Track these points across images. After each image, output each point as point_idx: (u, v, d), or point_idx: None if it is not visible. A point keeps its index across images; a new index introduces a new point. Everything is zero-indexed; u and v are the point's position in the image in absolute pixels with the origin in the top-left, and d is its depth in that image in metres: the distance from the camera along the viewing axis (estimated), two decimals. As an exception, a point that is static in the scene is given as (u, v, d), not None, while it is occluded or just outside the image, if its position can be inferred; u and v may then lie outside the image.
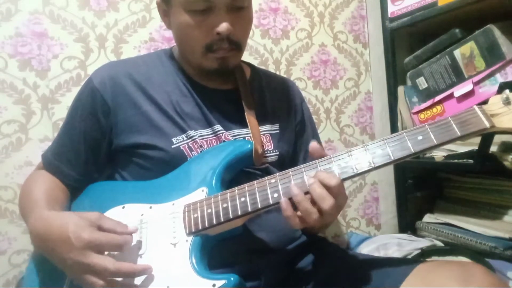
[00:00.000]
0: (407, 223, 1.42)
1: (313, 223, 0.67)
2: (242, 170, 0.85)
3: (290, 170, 0.72)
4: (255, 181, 0.72)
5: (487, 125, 0.64)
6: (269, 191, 0.70)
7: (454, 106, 1.20)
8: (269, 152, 0.91)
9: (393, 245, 1.24)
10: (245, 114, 0.90)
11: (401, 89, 1.40)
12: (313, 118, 1.12)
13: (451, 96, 1.20)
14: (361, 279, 0.78)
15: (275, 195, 0.69)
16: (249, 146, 0.82)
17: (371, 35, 1.49)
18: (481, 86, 1.13)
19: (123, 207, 0.80)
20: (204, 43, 0.83)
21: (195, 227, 0.72)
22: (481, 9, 1.17)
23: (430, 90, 1.29)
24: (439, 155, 1.24)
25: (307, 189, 0.68)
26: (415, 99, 1.36)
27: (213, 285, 0.65)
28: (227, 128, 0.89)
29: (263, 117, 0.94)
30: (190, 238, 0.72)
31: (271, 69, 1.35)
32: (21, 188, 0.92)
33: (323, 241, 1.01)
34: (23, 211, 0.86)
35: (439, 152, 1.24)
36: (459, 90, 1.18)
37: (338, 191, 0.67)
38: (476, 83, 1.14)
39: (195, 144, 0.85)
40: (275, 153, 0.92)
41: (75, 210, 0.87)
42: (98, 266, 0.65)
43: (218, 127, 0.87)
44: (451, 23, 1.23)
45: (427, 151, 0.68)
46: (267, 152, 0.90)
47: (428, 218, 1.35)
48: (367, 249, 1.27)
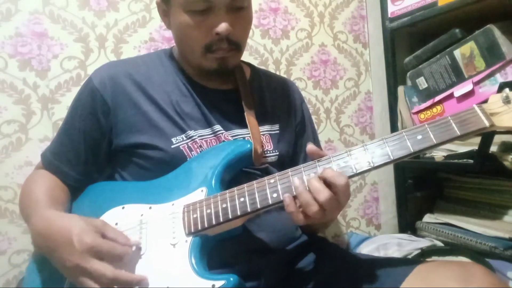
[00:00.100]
0: (407, 223, 1.42)
1: (314, 217, 0.67)
2: (241, 170, 0.85)
3: (289, 170, 0.72)
4: (254, 181, 0.72)
5: (487, 124, 0.64)
6: (268, 191, 0.70)
7: (454, 106, 1.20)
8: (269, 152, 0.91)
9: (393, 245, 1.24)
10: (245, 114, 0.90)
11: (401, 89, 1.39)
12: (312, 118, 1.12)
13: (451, 96, 1.20)
14: (361, 279, 0.78)
15: (274, 195, 0.69)
16: (248, 146, 0.82)
17: (371, 35, 1.49)
18: (481, 86, 1.13)
19: (123, 208, 0.81)
20: (203, 43, 0.83)
21: (194, 228, 0.72)
22: (481, 9, 1.17)
23: (430, 90, 1.29)
24: (439, 155, 1.23)
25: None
26: (415, 99, 1.36)
27: (213, 286, 0.65)
28: (226, 128, 0.89)
29: (263, 117, 0.93)
30: (189, 238, 0.72)
31: (271, 69, 1.35)
32: (21, 188, 0.92)
33: (323, 241, 1.01)
34: (23, 211, 0.86)
35: (439, 152, 1.24)
36: (459, 90, 1.18)
37: (344, 190, 0.67)
38: (476, 83, 1.14)
39: (195, 144, 0.85)
40: (275, 153, 0.92)
41: (75, 210, 0.87)
42: (97, 271, 0.65)
43: (217, 127, 0.87)
44: (451, 23, 1.22)
45: (427, 150, 0.68)
46: (266, 152, 0.90)
47: (428, 218, 1.35)
48: (367, 249, 1.27)
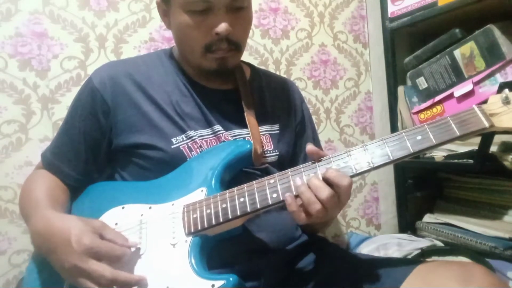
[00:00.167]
0: (407, 223, 1.42)
1: (316, 215, 0.67)
2: (241, 170, 0.85)
3: (289, 170, 0.72)
4: (254, 182, 0.73)
5: (486, 124, 0.64)
6: (268, 191, 0.70)
7: (454, 106, 1.20)
8: (269, 152, 0.91)
9: (393, 245, 1.24)
10: (245, 114, 0.90)
11: (401, 89, 1.39)
12: (313, 118, 1.12)
13: (451, 96, 1.20)
14: (361, 279, 0.78)
15: (274, 195, 0.69)
16: (248, 146, 0.82)
17: (371, 35, 1.49)
18: (481, 86, 1.13)
19: (123, 208, 0.81)
20: (203, 43, 0.83)
21: (194, 228, 0.72)
22: (481, 9, 1.17)
23: (430, 90, 1.29)
24: (439, 155, 1.23)
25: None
26: (415, 99, 1.36)
27: (212, 285, 0.65)
28: (227, 128, 0.89)
29: (263, 117, 0.93)
30: (189, 238, 0.72)
31: (271, 69, 1.35)
32: (21, 188, 0.92)
33: (323, 241, 1.01)
34: (23, 211, 0.86)
35: (439, 152, 1.24)
36: (459, 90, 1.18)
37: (346, 190, 0.67)
38: (476, 83, 1.14)
39: (195, 144, 0.85)
40: (275, 153, 0.92)
41: (75, 210, 0.87)
42: (95, 272, 0.65)
43: (217, 127, 0.87)
44: (451, 23, 1.22)
45: (427, 151, 0.68)
46: (266, 152, 0.90)
47: (428, 218, 1.35)
48: (367, 249, 1.27)
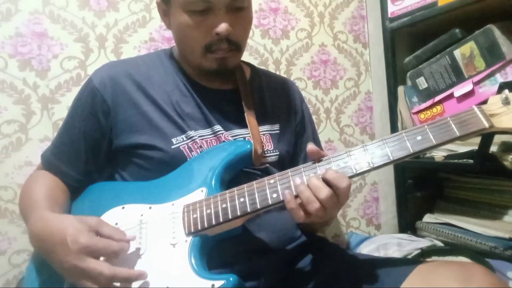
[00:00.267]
0: (407, 223, 1.42)
1: (315, 214, 0.67)
2: (241, 170, 0.85)
3: (289, 170, 0.72)
4: (254, 182, 0.73)
5: (486, 125, 0.64)
6: (268, 191, 0.70)
7: (454, 106, 1.20)
8: (269, 152, 0.91)
9: (393, 245, 1.24)
10: (245, 114, 0.90)
11: (401, 89, 1.39)
12: (313, 118, 1.12)
13: (451, 96, 1.20)
14: (361, 279, 0.78)
15: (274, 195, 0.69)
16: (248, 146, 0.82)
17: (371, 35, 1.49)
18: (481, 86, 1.13)
19: (123, 208, 0.81)
20: (203, 43, 0.83)
21: (194, 228, 0.72)
22: (481, 9, 1.17)
23: (430, 90, 1.28)
24: (439, 155, 1.23)
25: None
26: (415, 99, 1.36)
27: (212, 285, 0.65)
28: (227, 128, 0.89)
29: (263, 117, 0.93)
30: (189, 238, 0.72)
31: (271, 69, 1.35)
32: (21, 188, 0.92)
33: (323, 241, 1.01)
34: (23, 211, 0.85)
35: (439, 152, 1.24)
36: (459, 90, 1.17)
37: (345, 191, 0.67)
38: (476, 83, 1.14)
39: (195, 144, 0.85)
40: (275, 153, 0.92)
41: (75, 210, 0.87)
42: (94, 270, 0.65)
43: (218, 127, 0.87)
44: (451, 23, 1.22)
45: (426, 151, 0.68)
46: (267, 152, 0.90)
47: (428, 218, 1.35)
48: (367, 249, 1.26)
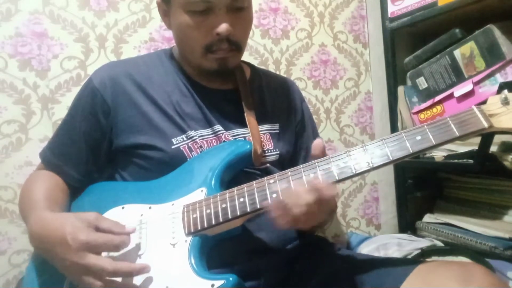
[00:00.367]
0: (407, 223, 1.41)
1: (298, 219, 0.66)
2: (241, 170, 0.85)
3: (289, 170, 0.72)
4: (254, 182, 0.73)
5: (486, 125, 0.64)
6: (268, 191, 0.70)
7: (454, 106, 1.20)
8: (269, 151, 0.91)
9: (393, 245, 1.24)
10: (245, 114, 0.90)
11: (401, 89, 1.39)
12: (313, 117, 1.12)
13: (451, 96, 1.20)
14: (361, 279, 0.78)
15: (274, 195, 0.69)
16: (248, 146, 0.82)
17: (371, 35, 1.49)
18: (481, 86, 1.13)
19: (123, 208, 0.81)
20: (203, 43, 0.83)
21: (194, 228, 0.72)
22: (481, 9, 1.17)
23: (430, 90, 1.28)
24: (439, 155, 1.23)
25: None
26: (415, 99, 1.36)
27: (212, 285, 0.65)
28: (227, 128, 0.89)
29: (263, 116, 0.93)
30: (189, 238, 0.72)
31: (271, 69, 1.35)
32: (21, 188, 0.92)
33: (323, 241, 1.01)
34: (23, 211, 0.86)
35: (439, 152, 1.24)
36: (459, 90, 1.17)
37: (331, 198, 0.66)
38: (476, 83, 1.14)
39: (195, 144, 0.85)
40: (275, 153, 0.92)
41: (75, 210, 0.87)
42: (95, 266, 0.65)
43: (218, 127, 0.88)
44: (451, 23, 1.22)
45: (426, 151, 0.68)
46: (267, 151, 0.90)
47: (428, 218, 1.35)
48: (367, 249, 1.26)
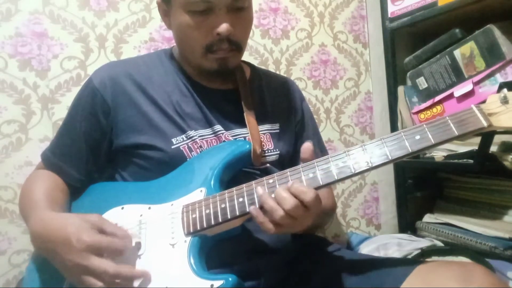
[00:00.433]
0: (407, 223, 1.41)
1: (282, 223, 0.67)
2: (241, 170, 0.85)
3: (288, 170, 0.72)
4: (253, 182, 0.72)
5: (485, 124, 0.64)
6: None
7: (454, 106, 1.19)
8: (269, 151, 0.91)
9: (393, 245, 1.24)
10: (244, 114, 0.90)
11: (401, 89, 1.39)
12: (314, 117, 1.12)
13: (451, 96, 1.20)
14: (361, 279, 0.78)
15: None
16: (247, 146, 0.82)
17: (371, 35, 1.49)
18: (481, 86, 1.13)
19: (122, 208, 0.81)
20: (204, 43, 0.83)
21: (193, 228, 0.72)
22: (481, 9, 1.17)
23: (430, 90, 1.28)
24: (439, 155, 1.23)
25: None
26: (415, 99, 1.36)
27: (211, 285, 0.65)
28: (227, 128, 0.89)
29: (263, 116, 0.93)
30: (188, 238, 0.72)
31: (271, 69, 1.35)
32: (21, 188, 0.92)
33: (323, 241, 1.01)
34: (23, 211, 0.86)
35: (439, 152, 1.23)
36: (459, 90, 1.17)
37: (313, 202, 0.66)
38: (476, 83, 1.14)
39: (195, 144, 0.85)
40: (276, 152, 0.92)
41: (75, 210, 0.87)
42: (98, 268, 0.65)
43: (218, 127, 0.88)
44: (451, 23, 1.22)
45: (425, 150, 0.68)
46: (267, 151, 0.90)
47: (428, 218, 1.35)
48: (367, 249, 1.26)
